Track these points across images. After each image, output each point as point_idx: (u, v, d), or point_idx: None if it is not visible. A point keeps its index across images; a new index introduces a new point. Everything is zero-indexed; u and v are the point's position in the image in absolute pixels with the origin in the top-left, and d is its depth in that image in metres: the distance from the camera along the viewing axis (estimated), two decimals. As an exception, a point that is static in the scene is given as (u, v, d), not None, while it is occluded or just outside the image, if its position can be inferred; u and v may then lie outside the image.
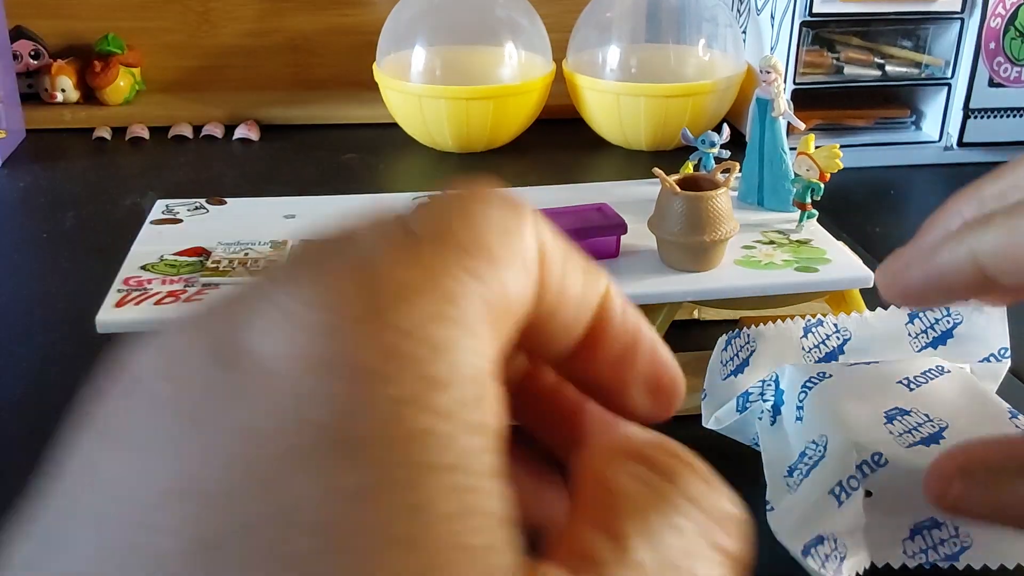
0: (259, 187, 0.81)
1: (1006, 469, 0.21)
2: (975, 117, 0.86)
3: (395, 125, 0.92)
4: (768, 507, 0.36)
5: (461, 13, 0.90)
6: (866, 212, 0.77)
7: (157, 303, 0.44)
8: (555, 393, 0.18)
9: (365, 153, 0.90)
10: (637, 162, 0.87)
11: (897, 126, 0.90)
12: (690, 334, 0.57)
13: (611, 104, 0.88)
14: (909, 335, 0.43)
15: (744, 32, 0.93)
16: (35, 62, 0.96)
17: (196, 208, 0.56)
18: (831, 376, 0.39)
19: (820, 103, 0.87)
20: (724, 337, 0.44)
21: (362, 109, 0.96)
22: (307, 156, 0.89)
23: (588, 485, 0.15)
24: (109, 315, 0.43)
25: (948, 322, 0.43)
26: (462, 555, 0.12)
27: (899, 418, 0.36)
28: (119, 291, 0.45)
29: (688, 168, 0.62)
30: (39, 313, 0.61)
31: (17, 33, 0.96)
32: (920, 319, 0.43)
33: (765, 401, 0.41)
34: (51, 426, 0.51)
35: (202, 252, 0.50)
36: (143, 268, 0.48)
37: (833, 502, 0.32)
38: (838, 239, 0.56)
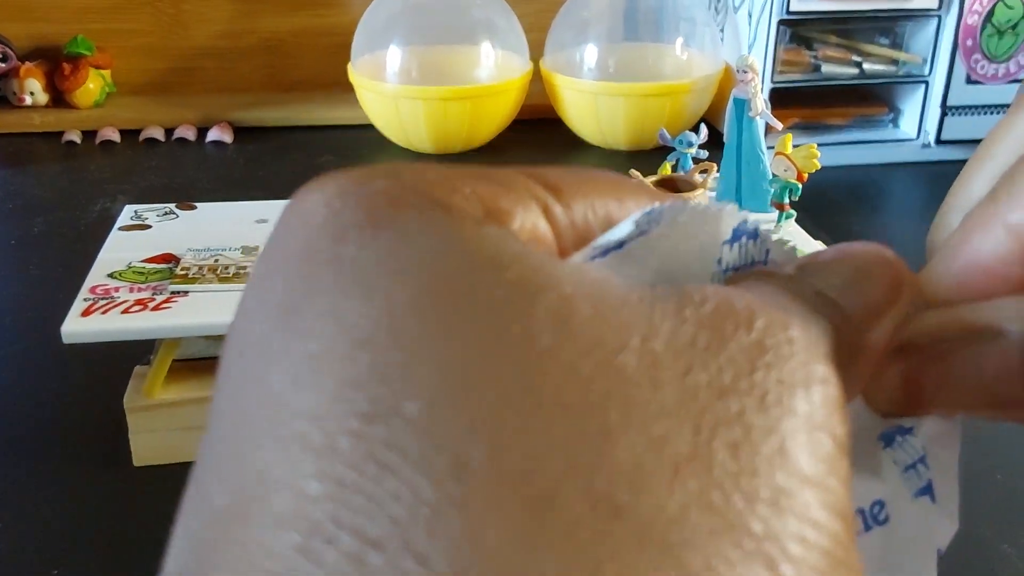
0: (233, 190, 0.80)
1: (960, 334, 0.17)
2: (953, 114, 0.86)
3: (371, 126, 0.91)
4: None
5: (437, 13, 0.90)
6: (845, 210, 0.77)
7: (124, 312, 0.43)
8: None
9: (340, 155, 0.89)
10: (615, 162, 0.87)
11: (875, 124, 0.90)
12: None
13: (589, 104, 0.87)
14: None
15: (722, 31, 0.92)
16: (3, 65, 0.94)
17: (165, 213, 0.55)
18: None
19: (798, 101, 0.87)
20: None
21: (337, 110, 0.95)
22: (281, 158, 0.88)
23: None
24: (75, 325, 0.42)
25: None
26: None
27: None
28: (85, 300, 0.44)
29: (666, 169, 0.62)
30: (8, 320, 0.60)
31: (-16, 35, 0.94)
32: None
33: None
34: (15, 435, 0.49)
35: (171, 259, 0.49)
36: (110, 276, 0.47)
37: None
38: (816, 238, 0.55)
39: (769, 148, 0.57)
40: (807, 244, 0.53)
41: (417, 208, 0.12)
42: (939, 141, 0.87)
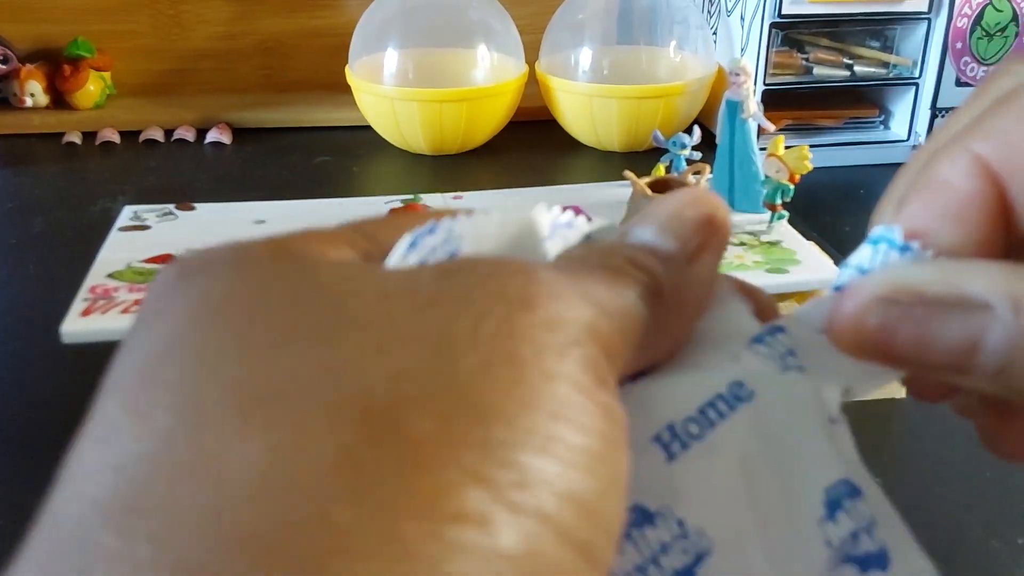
0: (232, 191, 0.81)
1: (943, 301, 0.17)
2: (943, 116, 0.87)
3: (368, 128, 0.91)
4: None
5: (433, 15, 0.90)
6: (836, 212, 0.78)
7: (124, 312, 0.44)
8: None
9: (338, 156, 0.89)
10: (610, 163, 0.87)
11: (866, 126, 0.91)
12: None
13: (583, 106, 0.88)
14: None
15: (715, 33, 0.93)
16: (4, 67, 0.95)
17: (165, 214, 0.56)
18: None
19: (790, 103, 0.88)
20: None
21: (335, 112, 0.96)
22: (279, 159, 0.89)
23: None
24: (74, 325, 0.43)
25: None
26: None
27: None
28: (85, 300, 0.45)
29: (660, 170, 0.63)
30: (8, 320, 0.60)
31: (-16, 37, 0.95)
32: None
33: None
34: (14, 435, 0.50)
35: (171, 259, 0.50)
36: (110, 276, 0.47)
37: None
38: (808, 239, 0.56)
39: (761, 149, 0.58)
40: (799, 244, 0.54)
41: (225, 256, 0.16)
42: (930, 143, 0.88)
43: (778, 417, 0.18)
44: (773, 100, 0.85)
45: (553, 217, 0.18)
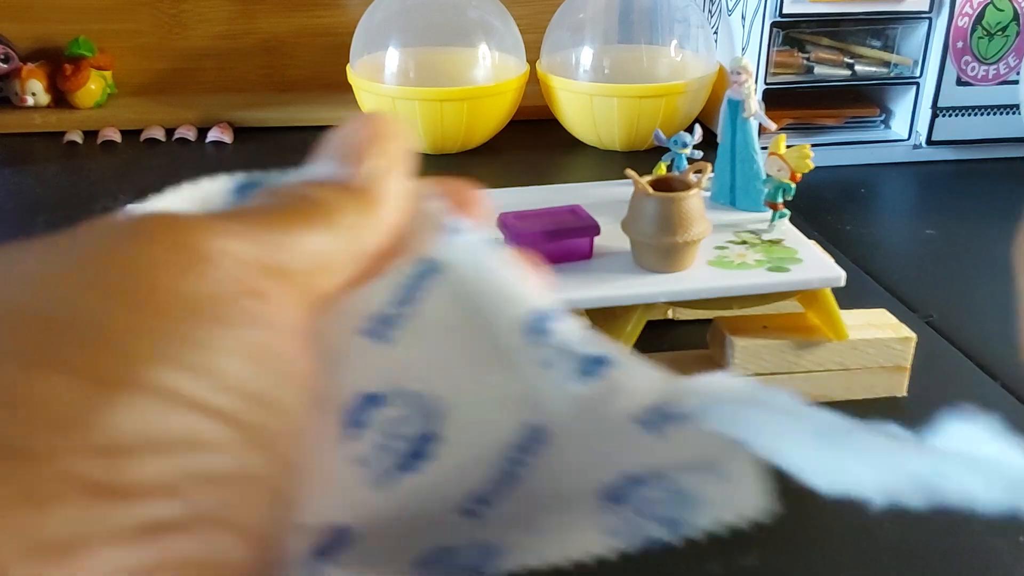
0: (233, 190, 0.81)
1: None
2: (943, 115, 0.87)
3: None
4: None
5: (434, 14, 0.91)
6: (837, 211, 0.78)
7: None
8: None
9: (339, 155, 0.89)
10: (611, 162, 0.88)
11: (867, 125, 0.91)
12: (665, 334, 0.57)
13: (584, 105, 0.88)
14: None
15: (716, 32, 0.93)
16: (5, 66, 0.95)
17: (169, 213, 0.56)
18: None
19: (791, 103, 0.88)
20: None
21: (336, 111, 0.96)
22: (280, 158, 0.88)
23: None
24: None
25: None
26: None
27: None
28: (91, 298, 0.45)
29: (661, 169, 0.63)
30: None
31: (-15, 36, 0.95)
32: None
33: None
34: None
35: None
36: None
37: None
38: (809, 238, 0.56)
39: (763, 148, 0.58)
40: (800, 243, 0.54)
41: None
42: (930, 142, 0.88)
43: (469, 276, 0.20)
44: (774, 99, 0.85)
45: (235, 182, 0.21)
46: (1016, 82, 0.86)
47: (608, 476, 0.20)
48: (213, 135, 0.92)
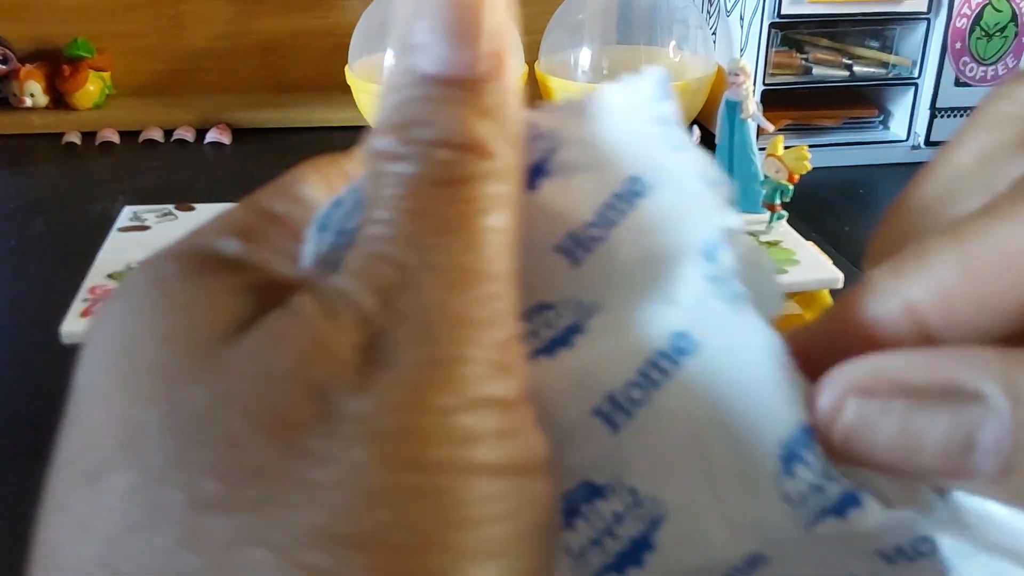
0: (231, 191, 0.80)
1: (928, 391, 0.14)
2: (942, 116, 0.87)
3: (368, 128, 0.91)
4: None
5: (433, 15, 0.90)
6: (835, 212, 0.78)
7: (125, 311, 0.44)
8: None
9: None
10: (609, 163, 0.87)
11: (865, 126, 0.91)
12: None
13: (583, 106, 0.88)
14: None
15: (714, 33, 0.93)
16: (3, 67, 0.95)
17: (164, 215, 0.56)
18: None
19: (789, 103, 0.88)
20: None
21: (335, 112, 0.96)
22: (279, 159, 0.89)
23: None
24: (74, 325, 0.43)
25: None
26: None
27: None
28: (84, 300, 0.45)
29: (658, 170, 0.63)
30: (8, 320, 0.60)
31: (-16, 37, 0.95)
32: None
33: None
34: (15, 435, 0.50)
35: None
36: (109, 277, 0.48)
37: None
38: (807, 239, 0.56)
39: (761, 150, 0.58)
40: (798, 244, 0.54)
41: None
42: (928, 143, 0.88)
43: (725, 366, 0.16)
44: (772, 100, 0.85)
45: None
46: (1015, 83, 0.86)
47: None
48: (212, 136, 0.92)
